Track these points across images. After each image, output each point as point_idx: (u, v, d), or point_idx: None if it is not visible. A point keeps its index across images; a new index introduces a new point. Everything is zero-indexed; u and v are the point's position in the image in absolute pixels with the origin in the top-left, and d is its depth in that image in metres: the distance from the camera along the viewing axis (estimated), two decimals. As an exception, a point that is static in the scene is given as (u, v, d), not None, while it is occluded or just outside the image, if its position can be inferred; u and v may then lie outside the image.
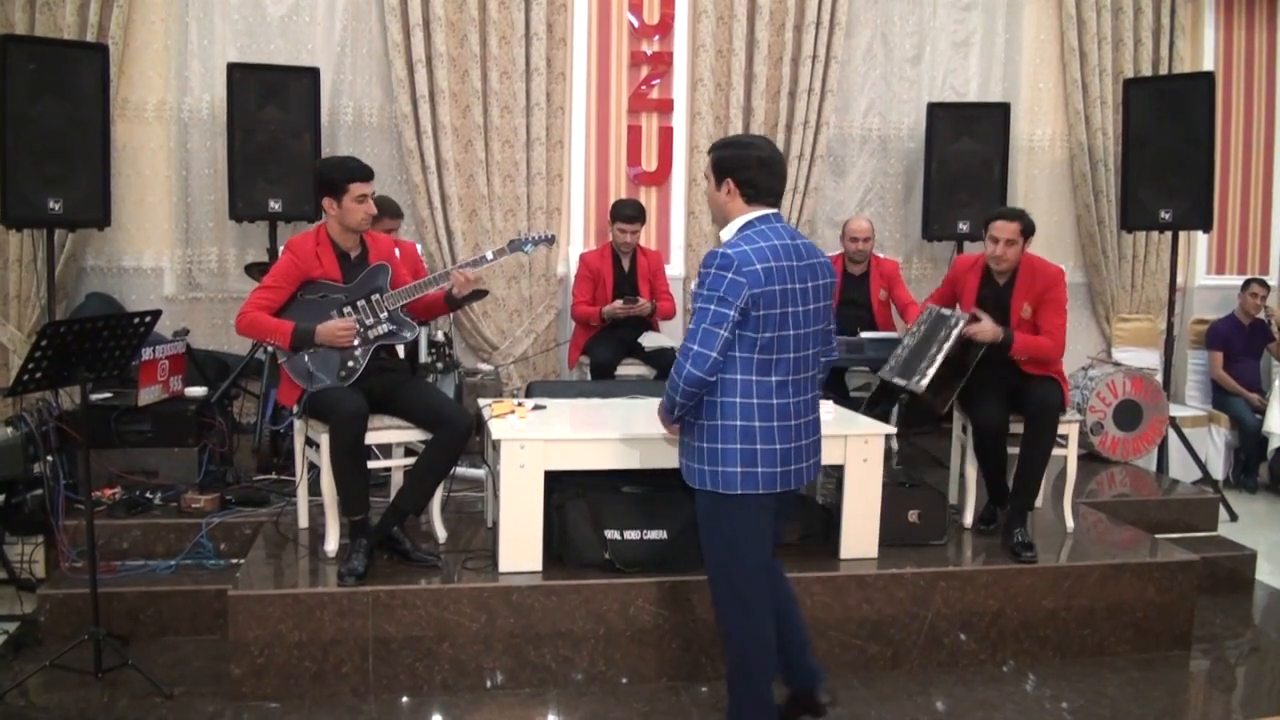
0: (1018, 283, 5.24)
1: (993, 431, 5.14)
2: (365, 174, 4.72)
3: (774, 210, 3.73)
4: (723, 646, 3.95)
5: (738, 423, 3.60)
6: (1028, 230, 5.23)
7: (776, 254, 3.58)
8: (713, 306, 3.51)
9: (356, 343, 4.74)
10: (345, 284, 4.81)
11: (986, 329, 5.07)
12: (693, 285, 3.74)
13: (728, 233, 3.71)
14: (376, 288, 4.82)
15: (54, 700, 4.24)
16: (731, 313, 3.50)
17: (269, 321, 4.68)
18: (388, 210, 6.10)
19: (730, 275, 3.50)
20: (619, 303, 6.67)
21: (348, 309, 4.77)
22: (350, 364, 4.74)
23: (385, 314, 4.80)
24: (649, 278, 6.93)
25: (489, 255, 5.11)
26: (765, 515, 3.72)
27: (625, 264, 6.89)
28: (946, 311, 5.25)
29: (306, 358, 4.71)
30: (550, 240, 5.40)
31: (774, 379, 3.63)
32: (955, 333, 5.08)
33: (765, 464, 3.63)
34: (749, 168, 3.68)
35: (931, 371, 5.06)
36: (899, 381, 5.18)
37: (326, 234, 4.82)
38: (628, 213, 6.78)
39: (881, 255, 7.07)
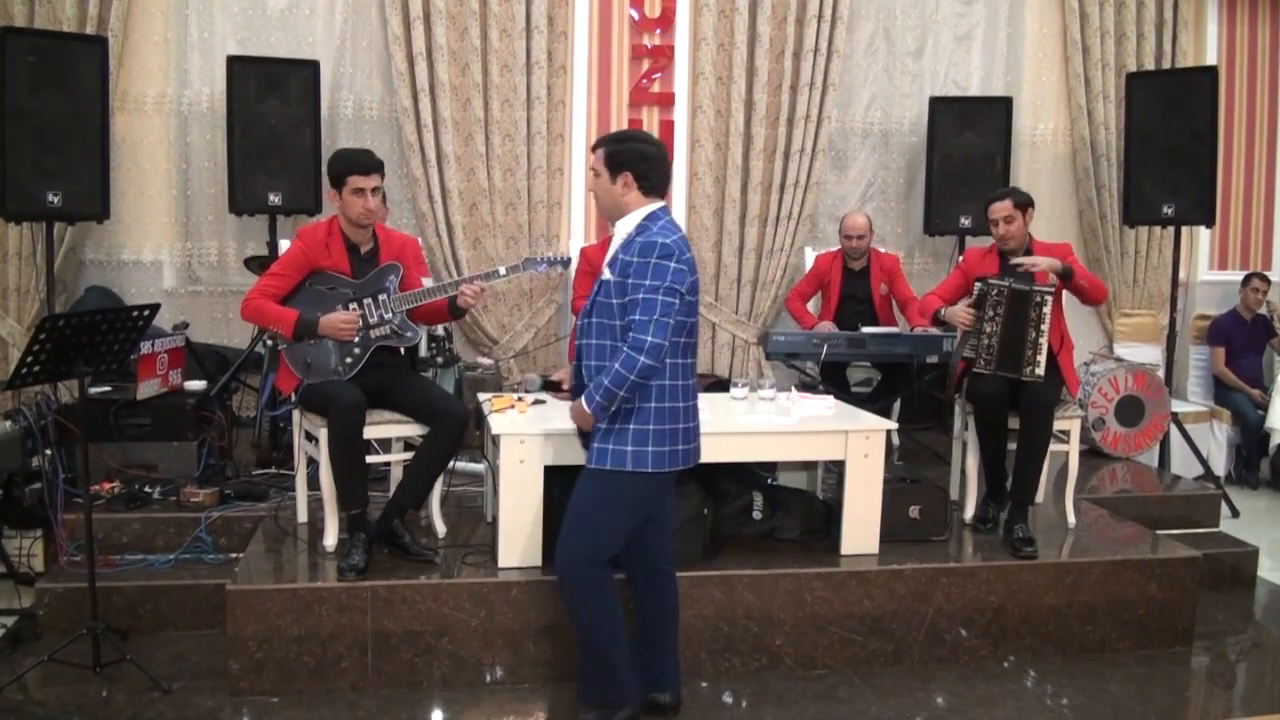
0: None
1: (993, 405, 5.13)
2: (364, 167, 4.65)
3: (664, 204, 3.85)
4: (579, 629, 3.94)
5: (665, 404, 3.73)
6: (1022, 204, 5.33)
7: (687, 243, 3.77)
8: (660, 297, 3.60)
9: (357, 339, 4.72)
10: (354, 278, 4.79)
11: (1042, 262, 5.16)
12: (608, 273, 3.70)
13: (627, 224, 3.79)
14: (384, 287, 4.80)
15: (52, 694, 4.23)
16: (676, 302, 3.63)
17: (273, 309, 4.67)
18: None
19: (673, 264, 3.63)
20: None
21: (353, 304, 4.75)
22: (348, 359, 4.73)
23: (390, 314, 4.78)
24: None
25: (502, 271, 5.07)
26: (664, 490, 3.91)
27: None
28: (1020, 287, 5.14)
29: (306, 348, 4.70)
30: (565, 263, 5.38)
31: (690, 361, 3.83)
32: (1048, 310, 5.09)
33: (684, 441, 3.80)
34: (646, 161, 3.78)
35: (1042, 358, 5.08)
36: (1009, 375, 5.12)
37: (338, 225, 4.80)
38: None
39: (882, 250, 7.05)
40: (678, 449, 3.78)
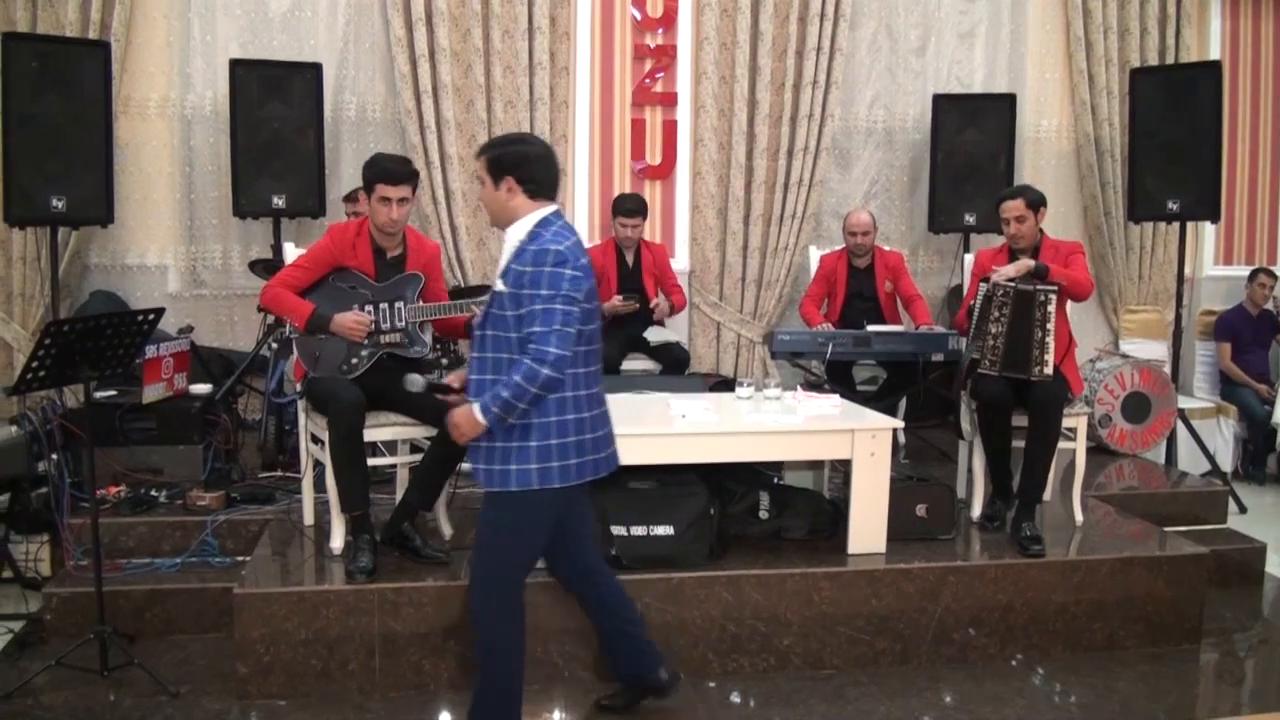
0: (1042, 258, 5.26)
1: (996, 403, 5.11)
2: (394, 177, 4.63)
3: (556, 208, 3.71)
4: (487, 658, 3.77)
5: (569, 416, 3.60)
6: (1034, 203, 5.30)
7: (582, 248, 3.64)
8: (559, 306, 3.47)
9: (366, 341, 4.73)
10: (377, 280, 4.81)
11: (1009, 270, 5.14)
12: (501, 284, 3.59)
13: (518, 231, 3.64)
14: (402, 296, 4.80)
15: (60, 699, 4.23)
16: (575, 310, 3.50)
17: (291, 299, 4.68)
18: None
19: (568, 271, 3.50)
20: (617, 299, 6.65)
21: (369, 306, 4.76)
22: (354, 361, 4.73)
23: (403, 323, 4.78)
24: (654, 272, 6.91)
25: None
26: (570, 505, 3.76)
27: (629, 259, 6.86)
28: (1025, 287, 5.10)
29: (317, 342, 4.71)
30: None
31: (593, 369, 3.70)
32: (1053, 309, 5.06)
33: (594, 451, 3.68)
34: (529, 163, 3.65)
35: (1049, 357, 5.05)
36: (1017, 375, 5.09)
37: (368, 227, 4.81)
38: (628, 206, 6.76)
39: (886, 248, 7.04)
40: (587, 460, 3.66)
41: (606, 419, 3.80)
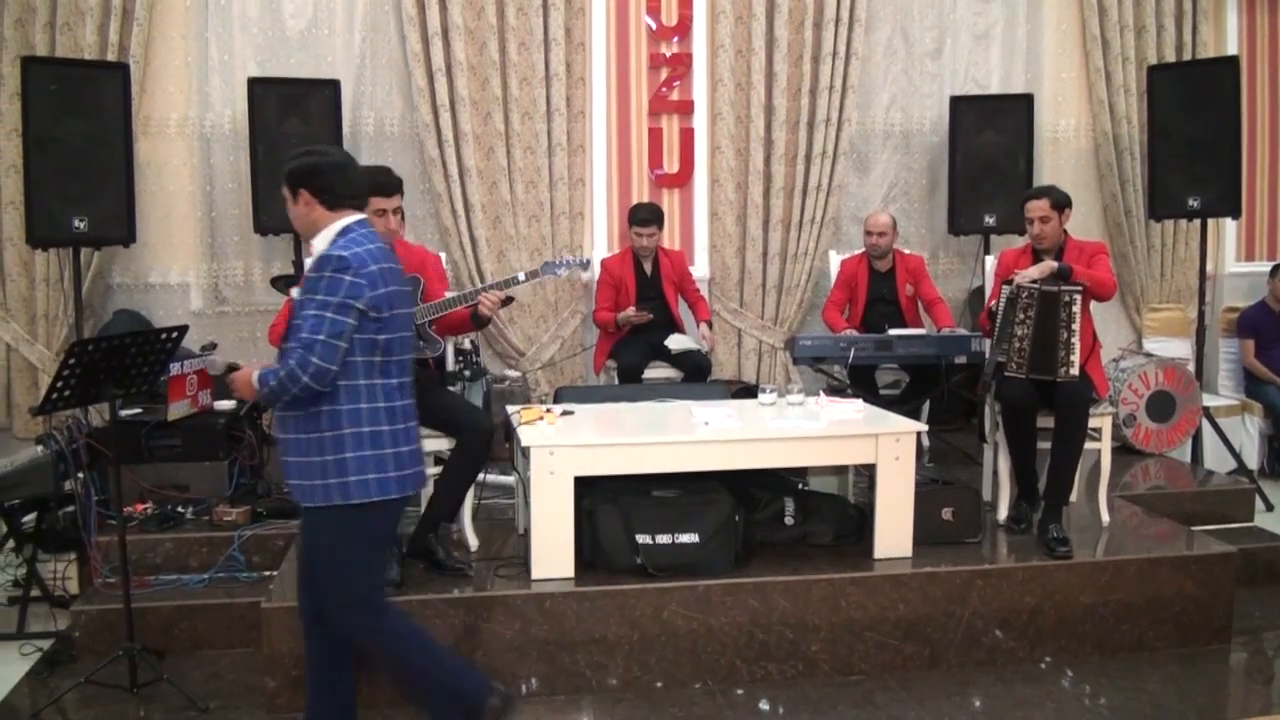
0: (1066, 259, 5.26)
1: (1021, 405, 5.10)
2: (387, 189, 4.69)
3: (362, 215, 3.64)
4: (399, 670, 3.74)
5: (364, 429, 3.48)
6: (1059, 204, 5.30)
7: (375, 257, 3.50)
8: (330, 314, 3.37)
9: None
10: None
11: (1032, 271, 5.14)
12: (295, 293, 3.58)
13: (321, 242, 3.54)
14: None
15: (90, 716, 4.26)
16: (350, 320, 3.40)
17: None
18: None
19: (349, 278, 3.39)
20: (631, 310, 6.66)
21: None
22: None
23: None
24: (674, 280, 6.92)
25: (521, 276, 5.13)
26: (391, 520, 3.67)
27: (647, 268, 6.86)
28: (1049, 288, 5.08)
29: None
30: (584, 265, 5.42)
31: (393, 381, 3.58)
32: (1077, 310, 5.05)
33: (396, 467, 3.55)
34: (321, 174, 3.58)
35: (1075, 358, 5.04)
36: (1043, 377, 5.07)
37: None
38: (642, 215, 6.77)
39: (906, 251, 7.02)
40: (390, 476, 3.52)
41: (415, 433, 3.68)
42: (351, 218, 3.59)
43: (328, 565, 3.59)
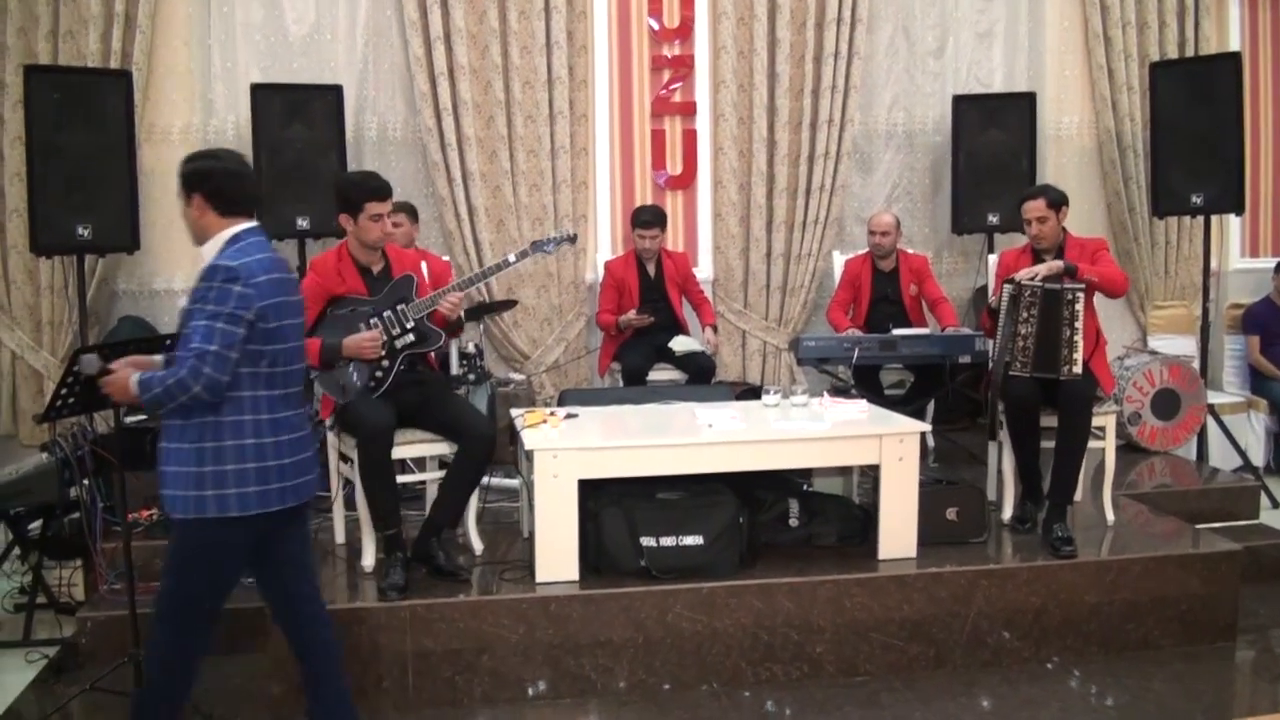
0: (1067, 257, 5.25)
1: (1025, 403, 5.10)
2: (382, 193, 4.71)
3: (255, 223, 3.59)
4: (150, 678, 3.69)
5: (249, 441, 3.42)
6: (1055, 202, 5.29)
7: (265, 266, 3.46)
8: (220, 324, 3.30)
9: (383, 353, 4.75)
10: (371, 297, 4.84)
11: (1040, 270, 5.12)
12: (185, 302, 3.48)
13: (211, 249, 3.49)
14: (402, 298, 4.84)
15: (97, 723, 4.27)
16: (240, 330, 3.34)
17: None
18: (402, 208, 6.12)
19: (237, 288, 3.33)
20: (632, 313, 6.67)
21: (374, 320, 4.79)
22: (378, 374, 4.76)
23: (410, 324, 4.82)
24: (678, 282, 6.92)
25: (511, 258, 5.15)
26: (262, 534, 3.56)
27: (651, 270, 6.87)
28: (1052, 286, 5.09)
29: (337, 373, 4.73)
30: (572, 239, 5.43)
31: (278, 392, 3.51)
32: (1080, 307, 5.05)
33: (278, 479, 3.48)
34: (213, 179, 3.54)
35: (1078, 356, 5.03)
36: (1047, 375, 5.07)
37: (348, 250, 4.85)
38: (644, 218, 6.78)
39: (910, 251, 7.02)
40: (271, 488, 3.45)
41: (304, 444, 3.62)
42: (242, 225, 3.54)
43: (176, 571, 3.54)
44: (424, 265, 5.24)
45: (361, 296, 4.82)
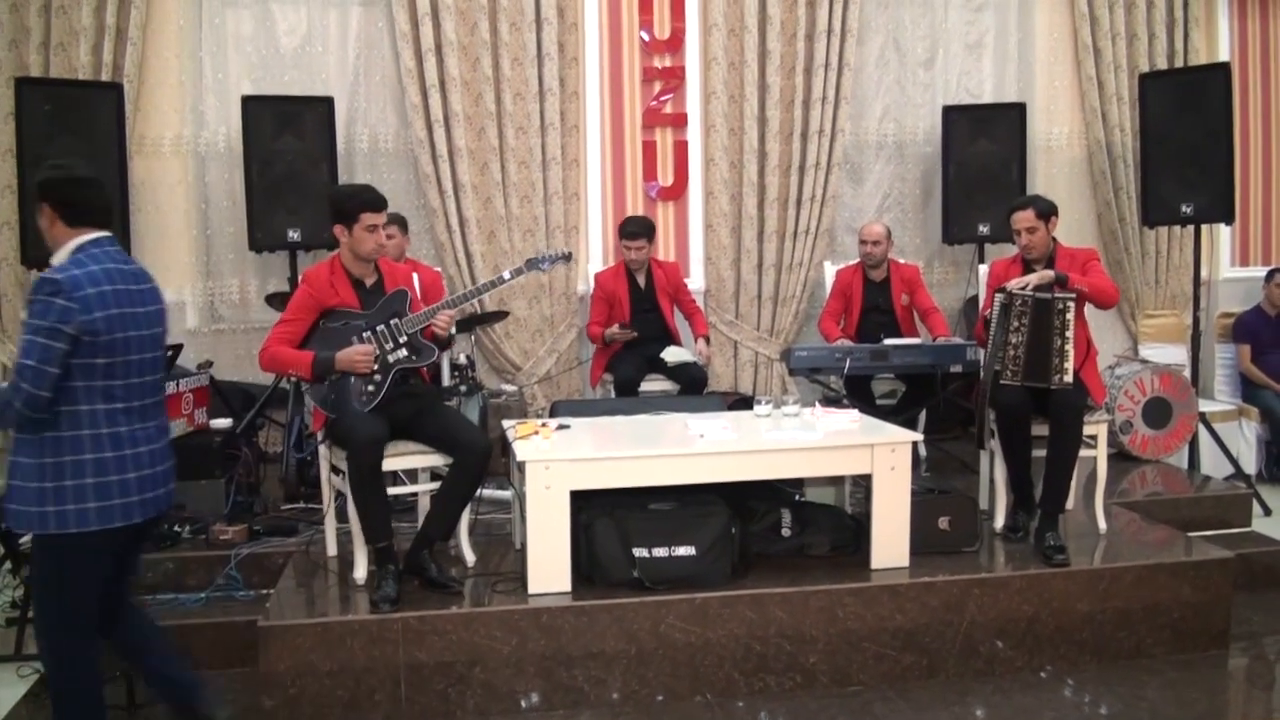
0: (1057, 267, 5.25)
1: (1015, 412, 5.11)
2: (377, 204, 4.74)
3: (105, 234, 3.57)
4: (53, 694, 3.62)
5: (87, 456, 3.40)
6: (1044, 212, 5.30)
7: (110, 277, 3.44)
8: (41, 339, 3.28)
9: (376, 367, 4.75)
10: (364, 310, 4.84)
11: (1032, 280, 5.11)
12: (23, 314, 3.44)
13: (59, 258, 3.48)
14: (395, 312, 4.84)
15: (89, 738, 4.24)
16: (61, 345, 3.30)
17: (289, 354, 4.71)
18: (393, 220, 6.12)
19: (60, 301, 3.30)
20: (615, 328, 6.69)
21: (367, 334, 4.79)
22: (370, 388, 4.75)
23: (404, 338, 4.82)
24: (669, 292, 6.92)
25: (506, 275, 5.15)
26: (113, 548, 3.55)
27: (641, 280, 6.88)
28: (1043, 296, 5.08)
29: (329, 386, 4.73)
30: (567, 257, 5.45)
31: (120, 406, 3.48)
32: (1071, 317, 5.05)
33: (121, 494, 3.46)
34: (61, 188, 3.51)
35: (1069, 365, 5.04)
36: (1038, 384, 5.07)
37: (340, 263, 4.86)
38: (630, 229, 6.78)
39: (901, 261, 7.04)
40: (114, 504, 3.44)
41: (155, 458, 3.62)
42: (89, 236, 3.52)
43: (43, 590, 3.56)
44: (415, 277, 5.25)
45: (354, 310, 4.82)
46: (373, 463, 4.56)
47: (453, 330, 4.98)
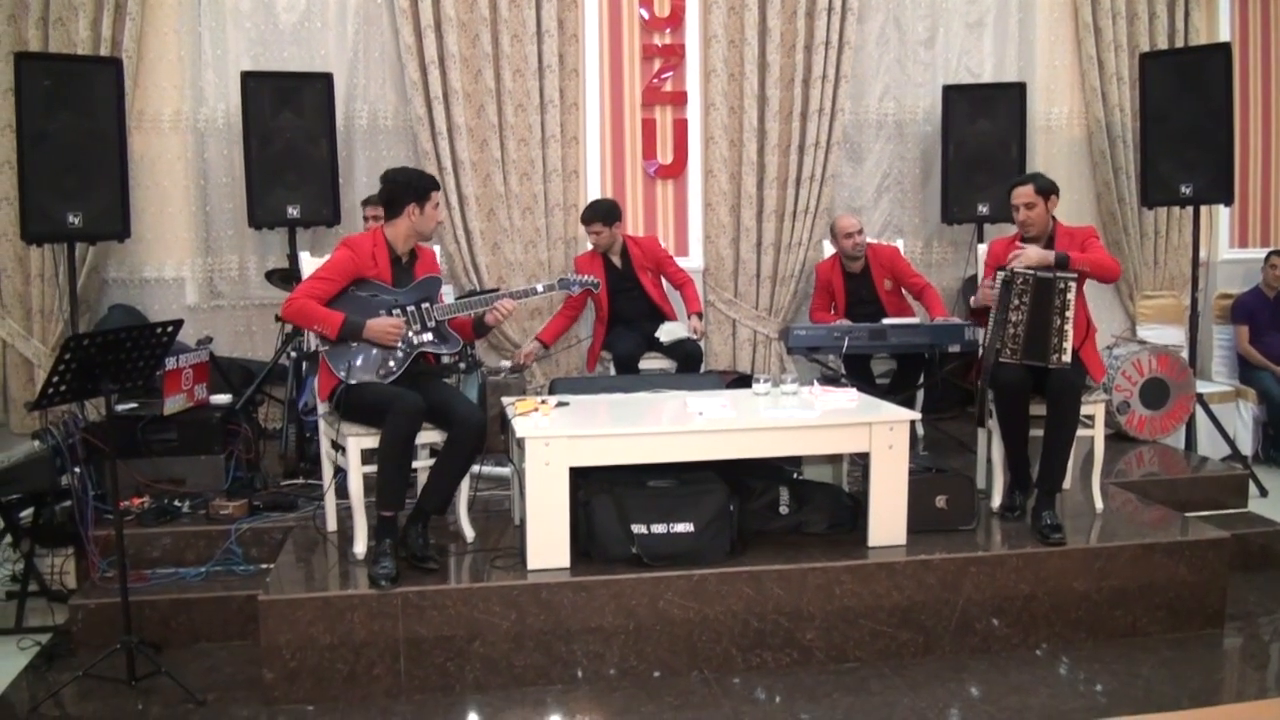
0: (1057, 246, 5.26)
1: (1013, 389, 5.11)
2: (438, 185, 5.00)
3: None
4: None
5: None
6: (1044, 190, 5.30)
7: None
8: None
9: (400, 345, 4.78)
10: (394, 286, 4.89)
11: (1032, 255, 5.13)
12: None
13: None
14: (428, 297, 4.92)
15: (88, 710, 4.27)
16: None
17: (318, 310, 4.72)
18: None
19: None
20: (533, 343, 6.94)
21: (396, 311, 4.83)
22: (391, 363, 4.79)
23: (433, 323, 4.87)
24: (649, 267, 6.89)
25: (539, 288, 5.33)
26: None
27: (617, 261, 6.86)
28: (1044, 275, 5.08)
29: (349, 351, 4.75)
30: (595, 285, 5.59)
31: None
32: (1072, 297, 5.04)
33: None
34: None
35: (1068, 345, 5.04)
36: (1036, 363, 5.07)
37: (384, 237, 4.91)
38: (585, 215, 6.81)
39: (876, 241, 7.02)
40: None
41: None
42: None
43: None
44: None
45: (385, 284, 4.88)
46: (411, 431, 4.59)
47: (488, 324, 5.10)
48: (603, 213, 6.77)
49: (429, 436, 4.84)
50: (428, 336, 4.90)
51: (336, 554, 4.87)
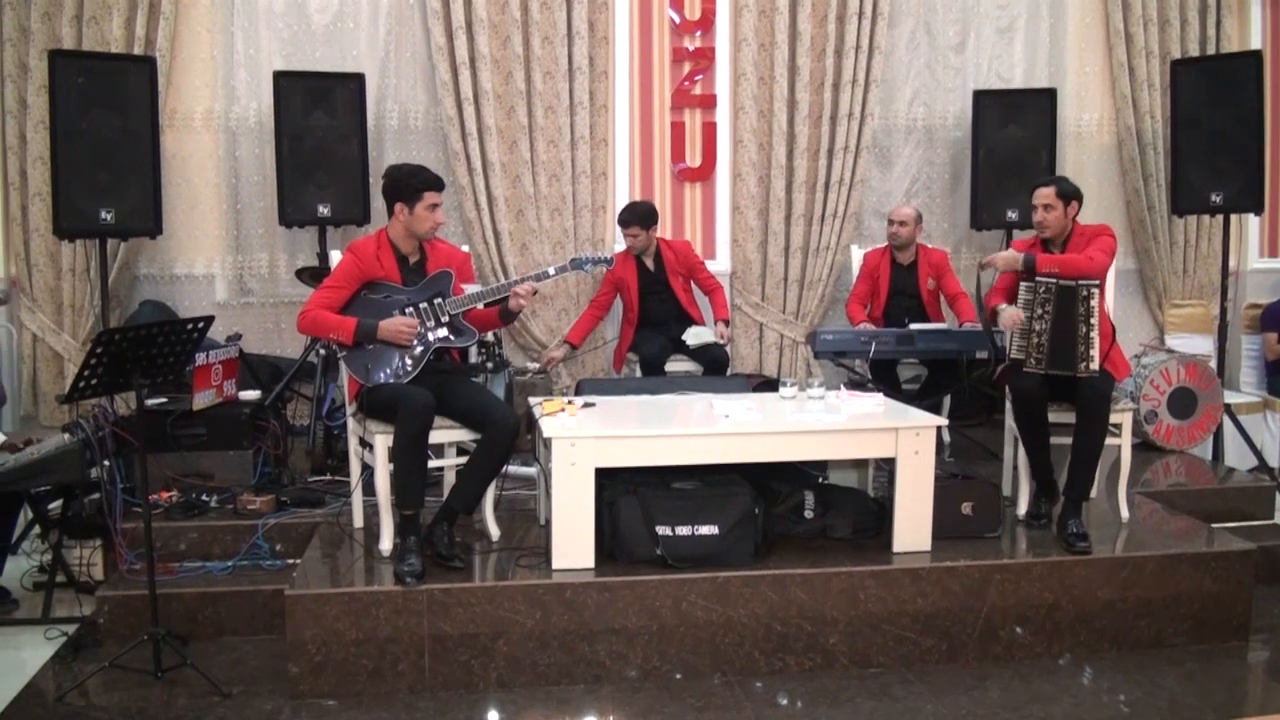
0: (1071, 248, 5.24)
1: (1031, 396, 5.10)
2: (439, 184, 4.88)
3: None
4: None
5: None
6: (1065, 194, 5.24)
7: None
8: None
9: (416, 343, 4.80)
10: (405, 286, 4.90)
11: (999, 259, 5.20)
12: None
13: None
14: (440, 292, 4.92)
15: (114, 700, 4.30)
16: None
17: (331, 318, 4.76)
18: None
19: None
20: (559, 346, 7.01)
21: (409, 309, 4.85)
22: (409, 362, 4.81)
23: (446, 318, 4.89)
24: (681, 272, 6.92)
25: (551, 271, 5.29)
26: None
27: (650, 264, 6.89)
28: (1066, 284, 5.06)
29: (366, 354, 4.78)
30: (609, 262, 5.60)
31: None
32: (1095, 304, 5.03)
33: None
34: None
35: (1095, 353, 5.03)
36: (1063, 373, 5.06)
37: (388, 237, 4.93)
38: (622, 217, 6.83)
39: (930, 245, 7.02)
40: None
41: None
42: None
43: None
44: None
45: (395, 284, 4.89)
46: (420, 429, 4.60)
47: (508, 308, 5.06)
48: (640, 216, 6.79)
49: (457, 435, 4.86)
50: (442, 332, 4.91)
51: (362, 550, 4.90)
